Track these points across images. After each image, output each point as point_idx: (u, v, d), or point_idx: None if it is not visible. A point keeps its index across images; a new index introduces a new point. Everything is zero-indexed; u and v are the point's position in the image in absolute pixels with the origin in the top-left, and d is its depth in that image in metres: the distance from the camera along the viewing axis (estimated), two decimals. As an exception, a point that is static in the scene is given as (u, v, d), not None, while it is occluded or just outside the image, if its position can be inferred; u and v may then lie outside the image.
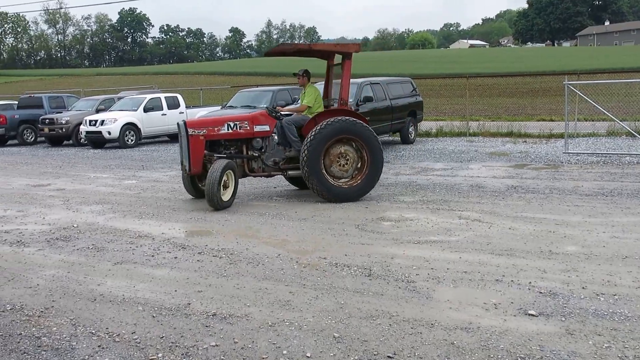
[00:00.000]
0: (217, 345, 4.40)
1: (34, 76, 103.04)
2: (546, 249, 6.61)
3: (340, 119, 9.73)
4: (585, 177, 11.38)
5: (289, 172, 10.24)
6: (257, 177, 10.60)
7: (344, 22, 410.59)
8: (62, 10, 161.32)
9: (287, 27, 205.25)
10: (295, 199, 10.18)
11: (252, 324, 4.75)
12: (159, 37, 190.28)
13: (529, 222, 7.86)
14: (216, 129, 9.88)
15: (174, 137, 22.08)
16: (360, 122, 9.87)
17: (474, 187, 10.73)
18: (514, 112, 27.83)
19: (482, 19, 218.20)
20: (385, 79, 18.24)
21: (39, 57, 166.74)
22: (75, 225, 8.75)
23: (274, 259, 6.57)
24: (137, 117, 21.87)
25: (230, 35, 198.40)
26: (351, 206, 9.39)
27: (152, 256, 6.90)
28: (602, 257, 6.22)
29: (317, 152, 9.61)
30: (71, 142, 23.34)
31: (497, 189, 10.38)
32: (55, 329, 4.83)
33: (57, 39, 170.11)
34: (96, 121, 21.38)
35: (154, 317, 4.99)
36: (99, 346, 4.45)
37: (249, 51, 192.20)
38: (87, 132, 21.63)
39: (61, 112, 24.05)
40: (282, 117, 10.31)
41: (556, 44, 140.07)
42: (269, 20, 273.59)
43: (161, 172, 14.44)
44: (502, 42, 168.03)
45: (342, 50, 10.21)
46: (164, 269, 6.40)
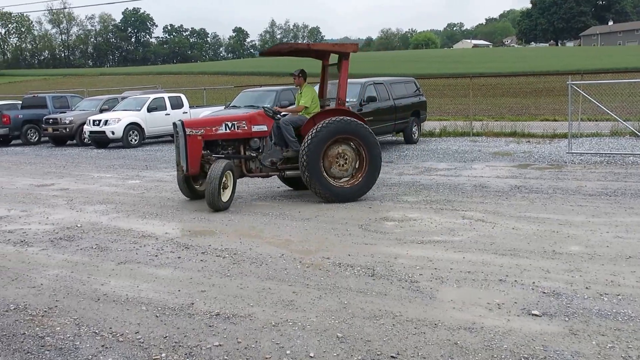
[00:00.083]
0: (220, 345, 4.40)
1: (37, 76, 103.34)
2: (550, 249, 6.60)
3: (337, 119, 9.70)
4: (588, 177, 11.37)
5: (287, 173, 10.19)
6: (254, 177, 10.53)
7: (347, 22, 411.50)
8: (66, 10, 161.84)
9: (291, 27, 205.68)
10: (298, 199, 10.18)
11: (256, 324, 4.76)
12: (162, 37, 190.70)
13: (532, 222, 7.85)
14: (214, 128, 9.82)
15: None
16: (357, 121, 9.87)
17: (477, 187, 10.72)
18: (518, 112, 27.78)
19: (486, 19, 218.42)
20: (388, 79, 18.24)
21: (42, 57, 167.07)
22: (78, 225, 8.76)
23: (277, 259, 6.58)
24: (140, 117, 21.90)
25: (233, 35, 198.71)
26: (354, 206, 9.40)
27: (156, 256, 6.91)
28: (606, 257, 6.22)
29: (316, 155, 9.57)
30: (75, 142, 23.36)
31: (501, 189, 10.37)
32: (58, 328, 4.83)
33: (61, 39, 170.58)
34: (100, 121, 21.41)
35: (157, 317, 5.00)
36: (103, 346, 4.46)
37: (252, 51, 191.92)
38: (91, 132, 21.67)
39: (65, 112, 24.08)
40: (280, 117, 10.27)
41: (560, 44, 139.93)
42: (273, 20, 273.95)
43: (165, 172, 14.45)
44: (506, 42, 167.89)
45: (340, 50, 10.23)
46: (167, 268, 6.41)
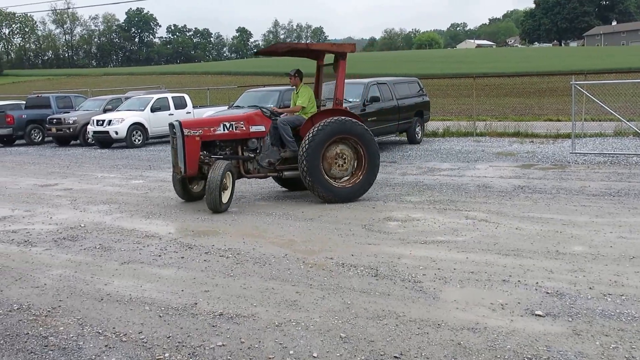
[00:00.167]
0: (223, 345, 4.41)
1: (41, 76, 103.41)
2: (553, 249, 6.59)
3: (333, 120, 9.66)
4: (592, 177, 11.35)
5: (285, 173, 10.13)
6: (251, 178, 10.41)
7: (350, 22, 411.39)
8: (70, 10, 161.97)
9: (294, 27, 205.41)
10: (301, 199, 10.17)
11: (259, 324, 4.76)
12: (166, 37, 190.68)
13: (536, 222, 7.84)
14: (212, 129, 9.71)
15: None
16: (353, 120, 9.86)
17: (480, 187, 10.71)
18: (521, 112, 27.74)
19: (489, 19, 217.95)
20: (392, 79, 18.24)
21: (46, 57, 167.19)
22: (82, 225, 8.77)
23: (280, 259, 6.58)
24: (144, 117, 21.93)
25: (237, 35, 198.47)
26: (358, 206, 9.39)
27: (159, 256, 6.92)
28: (609, 258, 6.21)
29: (316, 159, 9.52)
30: (78, 142, 23.40)
31: (504, 189, 10.36)
32: (62, 328, 4.84)
33: (65, 39, 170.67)
34: (103, 121, 21.45)
35: (160, 316, 5.01)
36: (106, 346, 4.47)
37: (255, 51, 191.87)
38: (95, 132, 21.71)
39: (69, 112, 24.12)
40: (277, 117, 10.20)
41: (563, 44, 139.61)
42: (276, 20, 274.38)
43: (168, 172, 14.42)
44: (509, 42, 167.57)
45: (338, 50, 10.24)
46: (170, 268, 6.42)
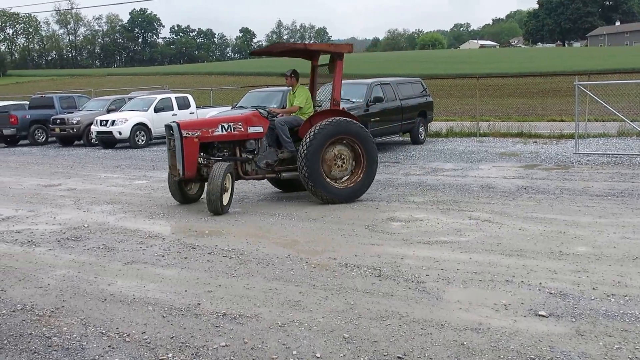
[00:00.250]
0: (227, 345, 4.41)
1: (45, 76, 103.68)
2: (556, 249, 6.59)
3: (328, 122, 9.60)
4: (595, 177, 11.33)
5: (283, 174, 10.06)
6: (249, 180, 10.29)
7: (354, 23, 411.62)
8: (74, 10, 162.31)
9: (298, 27, 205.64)
10: (304, 200, 10.17)
11: (262, 324, 4.76)
12: (169, 38, 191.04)
13: (539, 223, 7.83)
14: (210, 130, 9.59)
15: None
16: (349, 120, 9.84)
17: (484, 187, 10.70)
18: (524, 113, 27.73)
19: (493, 20, 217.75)
20: (395, 79, 18.23)
21: (50, 58, 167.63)
22: (85, 225, 8.79)
23: (283, 260, 6.58)
24: (147, 117, 21.95)
25: (240, 35, 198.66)
26: (361, 207, 9.39)
27: (163, 256, 6.92)
28: (613, 258, 6.20)
29: (316, 163, 9.47)
30: (82, 142, 23.40)
31: (508, 190, 10.35)
32: (65, 328, 4.85)
33: (69, 40, 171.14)
34: (107, 121, 21.46)
35: (164, 317, 5.01)
36: (109, 346, 4.47)
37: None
38: (98, 132, 21.72)
39: (72, 112, 24.14)
40: (274, 117, 10.12)
41: (567, 45, 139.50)
42: (279, 20, 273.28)
43: (171, 172, 14.46)
44: (513, 43, 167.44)
45: (336, 50, 10.23)
46: (174, 269, 6.42)
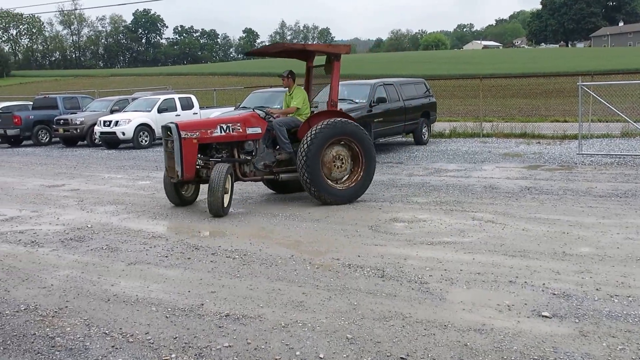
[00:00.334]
0: (230, 346, 4.41)
1: (48, 77, 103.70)
2: (560, 250, 6.58)
3: (323, 125, 9.57)
4: (599, 178, 11.31)
5: (282, 176, 10.00)
6: (246, 181, 10.20)
7: (357, 23, 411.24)
8: (77, 11, 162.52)
9: (301, 28, 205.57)
10: (307, 200, 10.17)
11: (265, 325, 4.77)
12: (173, 38, 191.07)
13: (542, 223, 7.82)
14: (209, 131, 9.50)
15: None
16: (344, 120, 9.83)
17: (487, 188, 10.69)
18: (528, 113, 27.69)
19: (496, 20, 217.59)
20: (398, 79, 18.22)
21: (53, 58, 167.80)
22: (89, 225, 8.80)
23: (287, 260, 6.59)
24: (151, 117, 21.97)
25: (244, 36, 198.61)
26: (364, 207, 9.39)
27: (166, 257, 6.93)
28: (616, 259, 6.19)
29: (316, 167, 9.43)
30: (85, 142, 23.46)
31: (511, 190, 10.34)
32: (69, 329, 4.86)
33: (72, 40, 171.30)
34: (110, 122, 21.50)
35: (167, 317, 5.02)
36: (113, 346, 4.48)
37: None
38: (102, 133, 21.75)
39: (76, 113, 24.19)
40: (272, 118, 10.08)
41: (570, 45, 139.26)
42: (283, 21, 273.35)
43: (174, 173, 14.46)
44: (516, 43, 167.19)
45: (334, 51, 10.23)
46: (177, 269, 6.43)
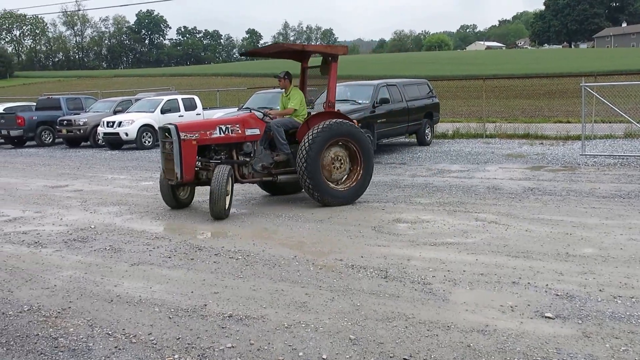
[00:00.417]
0: (233, 346, 4.41)
1: (52, 78, 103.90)
2: (563, 251, 6.57)
3: (320, 128, 9.54)
4: (602, 179, 11.30)
5: (280, 177, 9.94)
6: (245, 183, 10.09)
7: (360, 24, 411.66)
8: (80, 12, 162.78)
9: (304, 28, 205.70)
10: (310, 201, 10.14)
11: (268, 326, 4.77)
12: (176, 39, 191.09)
13: (545, 224, 7.81)
14: (208, 132, 9.43)
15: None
16: (340, 120, 9.81)
17: (490, 188, 10.68)
18: (531, 114, 27.66)
19: (499, 21, 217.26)
20: (401, 80, 18.20)
21: (57, 59, 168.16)
22: (92, 226, 8.81)
23: (290, 261, 6.58)
24: (154, 118, 21.96)
25: (247, 36, 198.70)
26: (367, 208, 9.39)
27: (169, 257, 6.93)
28: (620, 260, 6.18)
29: (316, 171, 9.42)
30: (89, 143, 23.49)
31: (514, 191, 10.33)
32: (72, 329, 4.86)
33: (75, 41, 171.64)
34: (114, 122, 21.52)
35: (170, 318, 5.02)
36: (116, 347, 4.48)
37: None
38: (105, 134, 21.78)
39: (79, 114, 24.23)
40: (270, 119, 10.02)
41: (573, 46, 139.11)
42: (286, 21, 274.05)
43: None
44: (519, 44, 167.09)
45: (331, 52, 10.22)
46: (180, 270, 6.43)
